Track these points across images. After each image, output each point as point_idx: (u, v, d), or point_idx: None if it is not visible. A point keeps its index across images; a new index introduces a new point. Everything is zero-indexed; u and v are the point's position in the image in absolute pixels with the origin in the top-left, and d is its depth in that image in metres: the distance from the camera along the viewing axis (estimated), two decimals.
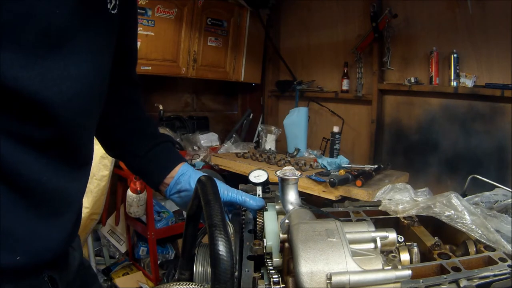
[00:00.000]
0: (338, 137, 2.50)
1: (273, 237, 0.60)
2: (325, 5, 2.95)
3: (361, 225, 0.55)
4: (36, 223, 0.56)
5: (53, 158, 0.56)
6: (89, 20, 0.55)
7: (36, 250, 0.56)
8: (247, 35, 3.16)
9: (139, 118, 0.86)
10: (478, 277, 0.60)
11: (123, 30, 0.71)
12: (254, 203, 0.74)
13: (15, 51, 0.47)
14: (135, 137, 0.83)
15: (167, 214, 2.54)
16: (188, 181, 0.80)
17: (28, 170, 0.53)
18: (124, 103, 0.84)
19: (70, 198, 0.62)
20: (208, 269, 0.61)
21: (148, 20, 2.46)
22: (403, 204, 0.89)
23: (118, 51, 0.69)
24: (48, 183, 0.56)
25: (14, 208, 0.53)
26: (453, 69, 2.19)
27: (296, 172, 0.65)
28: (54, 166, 0.57)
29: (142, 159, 0.81)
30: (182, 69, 2.77)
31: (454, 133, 2.31)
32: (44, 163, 0.55)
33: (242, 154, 2.58)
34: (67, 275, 0.69)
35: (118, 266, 2.60)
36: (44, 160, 0.55)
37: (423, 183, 2.26)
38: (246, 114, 3.44)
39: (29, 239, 0.55)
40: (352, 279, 0.41)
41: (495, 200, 0.99)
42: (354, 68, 2.76)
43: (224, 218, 0.47)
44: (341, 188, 1.84)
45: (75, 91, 0.55)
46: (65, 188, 0.60)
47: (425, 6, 2.36)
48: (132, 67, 0.85)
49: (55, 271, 0.64)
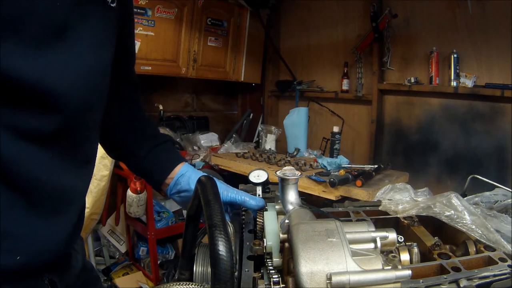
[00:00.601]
0: (338, 137, 2.50)
1: (273, 237, 0.60)
2: (325, 5, 2.95)
3: (361, 225, 0.55)
4: (35, 222, 0.55)
5: (54, 155, 0.56)
6: (89, 13, 0.56)
7: (36, 250, 0.56)
8: (247, 35, 3.16)
9: (139, 119, 0.86)
10: (478, 277, 0.60)
11: (121, 33, 0.71)
12: (254, 203, 0.74)
13: (18, 43, 0.47)
14: (135, 138, 0.83)
15: (167, 214, 2.54)
16: (188, 181, 0.80)
17: (28, 168, 0.53)
18: (123, 103, 0.84)
19: (71, 197, 0.62)
20: (208, 269, 0.61)
21: (148, 20, 2.46)
22: (403, 204, 0.89)
23: (115, 51, 0.69)
24: (48, 182, 0.56)
25: (13, 207, 0.52)
26: (453, 69, 2.19)
27: (296, 172, 0.65)
28: (55, 163, 0.57)
29: (143, 160, 0.81)
30: (182, 69, 2.77)
31: (454, 133, 2.31)
32: (45, 160, 0.55)
33: (242, 154, 2.58)
34: (68, 278, 0.68)
35: (118, 266, 2.60)
36: (45, 157, 0.55)
37: (423, 183, 2.25)
38: (246, 114, 3.44)
39: (29, 239, 0.55)
40: (352, 279, 0.41)
41: (495, 200, 1.00)
42: (354, 68, 2.76)
43: (224, 218, 0.47)
44: (341, 188, 1.84)
45: (78, 82, 0.55)
46: (66, 186, 0.60)
47: (425, 6, 2.36)
48: (130, 67, 0.84)
49: (56, 273, 0.63)
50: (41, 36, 0.49)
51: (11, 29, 0.46)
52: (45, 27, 0.49)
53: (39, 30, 0.49)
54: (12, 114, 0.50)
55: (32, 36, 0.48)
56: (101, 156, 2.14)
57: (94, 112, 0.63)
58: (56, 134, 0.55)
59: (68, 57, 0.53)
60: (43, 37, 0.50)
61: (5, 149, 0.50)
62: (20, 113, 0.50)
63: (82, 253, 0.76)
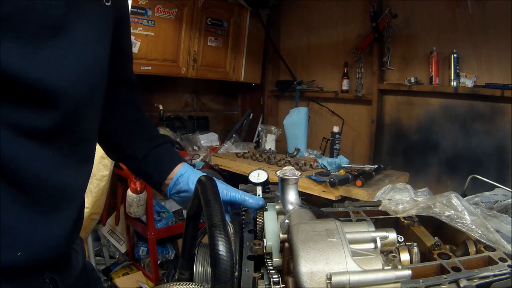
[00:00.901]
0: (338, 137, 2.50)
1: (273, 237, 0.60)
2: (325, 5, 2.95)
3: (361, 225, 0.55)
4: (36, 219, 0.56)
5: (54, 152, 0.56)
6: (85, 10, 0.57)
7: (36, 247, 0.56)
8: (247, 35, 3.16)
9: (138, 120, 0.86)
10: (478, 277, 0.60)
11: (116, 32, 0.71)
12: (254, 202, 0.74)
13: (16, 42, 0.48)
14: (134, 140, 0.83)
15: (167, 214, 2.54)
16: (187, 182, 0.80)
17: (28, 165, 0.53)
18: (122, 105, 0.84)
19: (70, 194, 0.62)
20: (208, 269, 0.61)
21: (148, 20, 2.46)
22: (403, 204, 0.89)
23: (111, 53, 0.69)
24: (48, 179, 0.56)
25: (13, 203, 0.53)
26: (453, 69, 2.19)
27: (296, 172, 0.65)
28: (55, 161, 0.57)
29: (142, 162, 0.82)
30: (182, 69, 2.77)
31: (454, 133, 2.31)
32: (45, 158, 0.55)
33: (242, 154, 2.58)
34: (69, 277, 0.68)
35: (118, 266, 2.59)
36: (45, 154, 0.55)
37: (423, 183, 2.25)
38: (246, 114, 3.44)
39: (29, 236, 0.55)
40: (352, 279, 0.41)
41: (495, 200, 1.00)
42: (354, 68, 2.76)
43: (224, 218, 0.47)
44: (341, 188, 1.84)
45: (76, 78, 0.56)
46: (66, 183, 0.60)
47: (425, 6, 2.36)
48: (127, 67, 0.85)
49: (57, 272, 0.63)
50: (39, 34, 0.50)
51: (10, 27, 0.47)
52: (44, 25, 0.50)
53: (38, 28, 0.50)
54: (11, 111, 0.50)
55: (31, 34, 0.49)
56: (101, 156, 2.14)
57: (93, 109, 0.64)
58: (55, 131, 0.55)
59: (67, 55, 0.54)
60: (41, 35, 0.50)
61: (5, 146, 0.50)
62: (19, 111, 0.51)
63: (82, 253, 0.76)
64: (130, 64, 0.86)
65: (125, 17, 0.79)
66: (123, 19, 0.77)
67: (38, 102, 0.52)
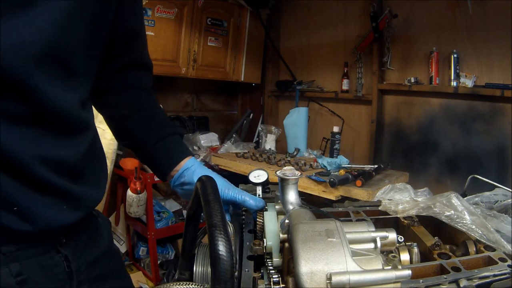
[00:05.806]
0: (338, 137, 2.50)
1: (273, 237, 0.60)
2: (325, 5, 2.95)
3: (361, 225, 0.55)
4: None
5: (33, 129, 0.55)
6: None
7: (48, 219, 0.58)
8: (247, 35, 3.16)
9: (149, 107, 0.84)
10: (478, 277, 0.60)
11: (122, 11, 0.70)
12: (254, 203, 0.74)
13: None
14: (145, 127, 0.82)
15: (167, 214, 2.54)
16: (192, 175, 0.80)
17: (9, 146, 0.52)
18: (133, 90, 0.83)
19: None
20: (208, 269, 0.61)
21: (148, 20, 2.46)
22: (403, 204, 0.89)
23: (120, 35, 0.68)
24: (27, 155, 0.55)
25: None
26: (453, 69, 2.19)
27: (296, 172, 0.65)
28: (35, 137, 0.56)
29: (150, 150, 0.81)
30: (182, 69, 2.77)
31: (454, 133, 2.31)
32: (24, 135, 0.54)
33: (242, 154, 2.58)
34: (85, 256, 0.69)
35: None
36: (24, 132, 0.54)
37: (423, 183, 2.25)
38: (246, 114, 3.44)
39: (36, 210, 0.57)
40: (352, 279, 0.41)
41: (495, 200, 1.00)
42: (354, 68, 2.76)
43: (224, 218, 0.47)
44: (341, 188, 1.84)
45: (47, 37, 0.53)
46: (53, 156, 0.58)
47: (425, 6, 2.36)
48: (139, 51, 0.83)
49: (71, 250, 0.65)
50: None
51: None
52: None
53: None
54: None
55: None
56: None
57: (69, 73, 0.59)
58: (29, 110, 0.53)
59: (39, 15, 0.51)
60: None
61: None
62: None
63: (107, 235, 0.78)
64: (142, 47, 0.84)
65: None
66: (130, 1, 0.74)
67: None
